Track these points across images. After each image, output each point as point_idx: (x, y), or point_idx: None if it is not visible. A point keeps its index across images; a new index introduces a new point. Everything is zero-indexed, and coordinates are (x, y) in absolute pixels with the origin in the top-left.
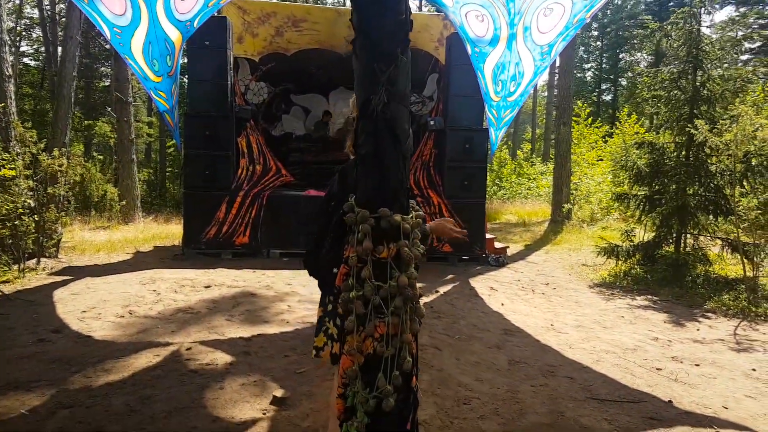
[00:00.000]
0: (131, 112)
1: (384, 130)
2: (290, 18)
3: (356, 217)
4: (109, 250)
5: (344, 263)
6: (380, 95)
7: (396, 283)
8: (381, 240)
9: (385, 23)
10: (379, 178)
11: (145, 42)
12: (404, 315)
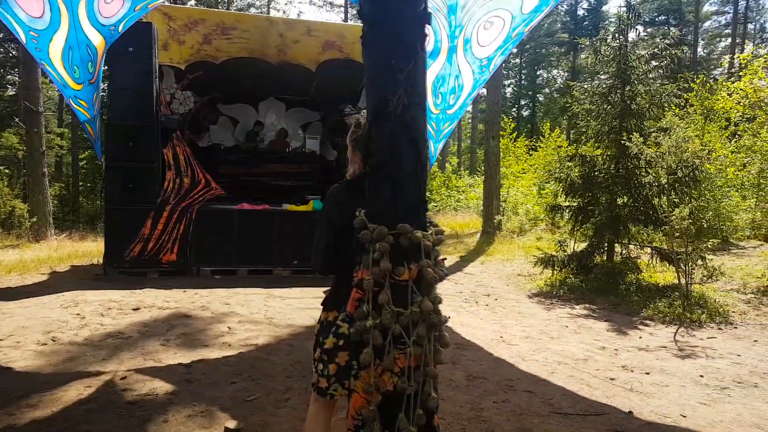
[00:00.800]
0: (42, 122)
1: (402, 136)
2: (219, 25)
3: (372, 234)
4: (21, 270)
5: (356, 287)
6: (399, 96)
7: (419, 308)
8: (399, 260)
9: (404, 14)
10: (396, 190)
11: (65, 47)
12: (428, 345)
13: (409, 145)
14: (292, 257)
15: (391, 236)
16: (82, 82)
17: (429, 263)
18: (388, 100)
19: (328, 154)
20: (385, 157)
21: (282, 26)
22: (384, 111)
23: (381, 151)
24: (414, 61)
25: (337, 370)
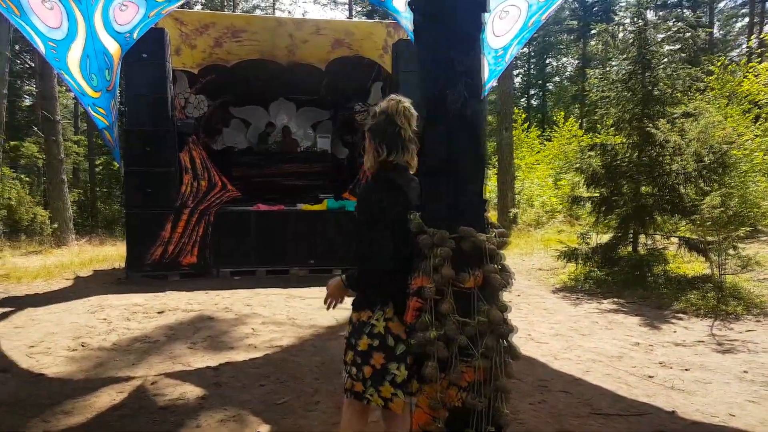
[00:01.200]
0: (60, 130)
1: (461, 132)
2: (230, 29)
3: (432, 238)
4: (46, 276)
5: (415, 296)
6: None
7: (486, 317)
8: (462, 265)
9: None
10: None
11: (82, 56)
12: (497, 357)
13: (469, 142)
14: (308, 256)
15: (453, 240)
16: (99, 89)
17: (495, 268)
18: (446, 95)
19: (339, 152)
20: (442, 155)
21: (291, 26)
22: (442, 106)
23: (438, 149)
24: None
25: (372, 373)
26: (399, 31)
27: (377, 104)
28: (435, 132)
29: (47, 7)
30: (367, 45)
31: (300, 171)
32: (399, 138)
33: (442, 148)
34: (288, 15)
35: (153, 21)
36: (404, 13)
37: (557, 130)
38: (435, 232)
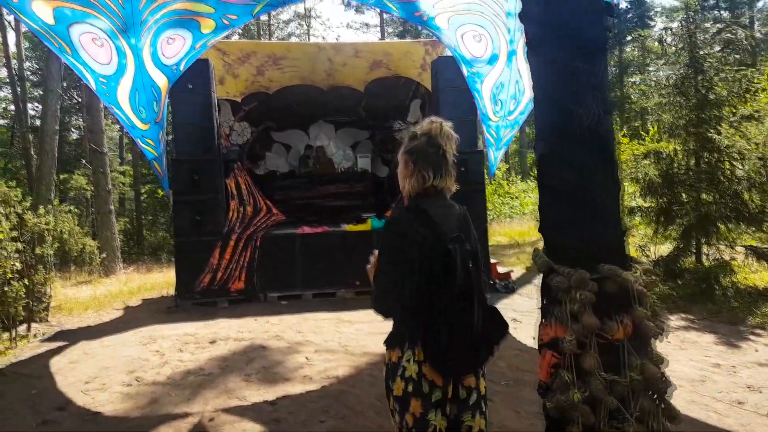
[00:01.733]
0: (107, 162)
1: (593, 152)
2: (271, 56)
3: (569, 280)
4: (97, 307)
5: (549, 349)
6: (590, 105)
7: (640, 374)
8: (605, 311)
9: (583, 7)
10: (591, 220)
11: (131, 89)
12: (653, 421)
13: (602, 163)
14: (353, 278)
15: (594, 282)
16: (148, 122)
17: (646, 313)
18: (574, 112)
19: (380, 171)
20: (571, 178)
21: (330, 51)
22: (569, 124)
23: (565, 172)
24: (601, 62)
25: (414, 422)
26: (437, 49)
27: (416, 125)
28: (560, 153)
29: (97, 45)
30: (404, 64)
31: (341, 191)
32: (443, 161)
33: (570, 171)
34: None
35: (199, 53)
36: (446, 30)
37: None
38: (571, 273)
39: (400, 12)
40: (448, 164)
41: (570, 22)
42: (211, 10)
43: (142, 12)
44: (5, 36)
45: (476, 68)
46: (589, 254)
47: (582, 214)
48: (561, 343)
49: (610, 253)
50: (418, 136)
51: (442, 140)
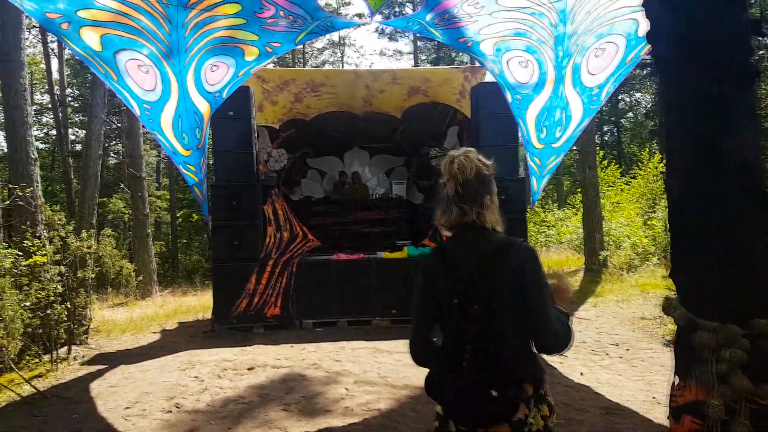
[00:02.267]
0: (145, 187)
1: (742, 189)
2: (309, 83)
3: (716, 336)
4: (134, 330)
5: (689, 414)
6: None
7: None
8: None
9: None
10: (741, 268)
11: (174, 116)
12: None
13: (755, 203)
14: (390, 306)
15: (746, 339)
16: (190, 148)
17: None
18: (722, 144)
19: (415, 197)
20: (718, 221)
21: (368, 78)
22: (716, 159)
23: (708, 210)
24: (751, 87)
25: None
26: (476, 75)
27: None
28: (703, 191)
29: (143, 71)
30: (443, 91)
31: (376, 218)
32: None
33: (715, 212)
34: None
35: (241, 80)
36: (491, 57)
37: (641, 168)
38: (719, 328)
39: (444, 38)
40: (450, 200)
41: (712, 42)
42: (255, 37)
43: (188, 39)
44: (49, 63)
45: (521, 94)
46: (738, 307)
47: (729, 262)
48: (704, 408)
49: (764, 306)
50: (442, 172)
51: (444, 177)
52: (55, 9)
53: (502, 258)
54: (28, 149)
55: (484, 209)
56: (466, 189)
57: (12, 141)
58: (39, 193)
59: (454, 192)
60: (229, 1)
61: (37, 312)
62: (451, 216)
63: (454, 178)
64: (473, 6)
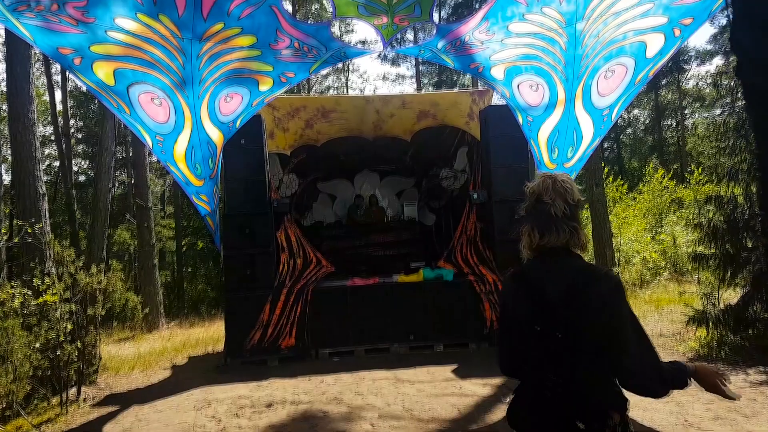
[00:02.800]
0: (151, 216)
1: None
2: (320, 110)
3: None
4: (143, 366)
5: None
6: None
7: None
8: None
9: None
10: None
11: (188, 147)
12: None
13: None
14: (407, 332)
15: None
16: (203, 178)
17: None
18: None
19: (427, 219)
20: None
21: (378, 103)
22: None
23: None
24: None
25: None
26: (484, 98)
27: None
28: None
29: (156, 104)
30: (452, 114)
31: (388, 241)
32: (551, 218)
33: None
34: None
35: (255, 109)
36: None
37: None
38: None
39: (456, 64)
40: (558, 220)
41: None
42: (269, 68)
43: (202, 71)
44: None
45: (532, 116)
46: None
47: None
48: None
49: None
50: (527, 197)
51: (548, 196)
52: (68, 44)
53: (587, 286)
54: (36, 184)
55: (580, 233)
56: (572, 210)
57: (19, 176)
58: (47, 229)
59: (563, 212)
60: (245, 33)
61: (46, 353)
62: (557, 236)
63: (562, 198)
64: (485, 33)
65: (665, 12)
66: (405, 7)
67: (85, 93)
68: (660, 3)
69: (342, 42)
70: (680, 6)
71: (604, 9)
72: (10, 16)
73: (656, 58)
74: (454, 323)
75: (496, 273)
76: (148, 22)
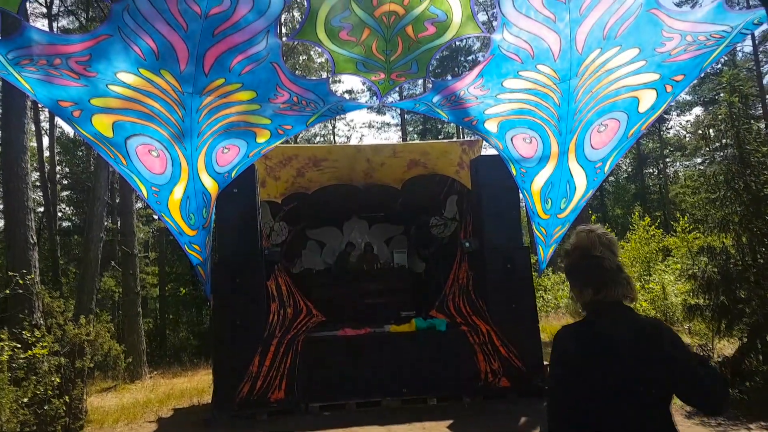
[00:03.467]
0: (137, 264)
1: None
2: (311, 159)
3: None
4: (128, 419)
5: None
6: None
7: None
8: None
9: None
10: None
11: (183, 197)
12: None
13: None
14: (400, 385)
15: None
16: (196, 228)
17: None
18: None
19: (416, 266)
20: None
21: (369, 152)
22: None
23: None
24: None
25: None
26: (473, 148)
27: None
28: None
29: (153, 155)
30: (442, 163)
31: (378, 288)
32: (604, 271)
33: None
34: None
35: (251, 160)
36: (495, 134)
37: (633, 231)
38: None
39: (450, 117)
40: (613, 273)
41: None
42: (268, 121)
43: (201, 124)
44: (40, 141)
45: (526, 168)
46: None
47: None
48: None
49: None
50: (570, 252)
51: (596, 250)
52: (69, 97)
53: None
54: (28, 234)
55: (632, 283)
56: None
57: (11, 226)
58: (37, 279)
59: (616, 265)
60: (245, 89)
61: (33, 407)
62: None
63: (610, 250)
64: (479, 89)
65: (657, 69)
66: (402, 64)
67: (73, 139)
68: (653, 60)
69: (339, 96)
70: (672, 63)
71: (598, 66)
72: (11, 70)
73: (648, 113)
74: (448, 375)
75: (489, 324)
76: (149, 76)
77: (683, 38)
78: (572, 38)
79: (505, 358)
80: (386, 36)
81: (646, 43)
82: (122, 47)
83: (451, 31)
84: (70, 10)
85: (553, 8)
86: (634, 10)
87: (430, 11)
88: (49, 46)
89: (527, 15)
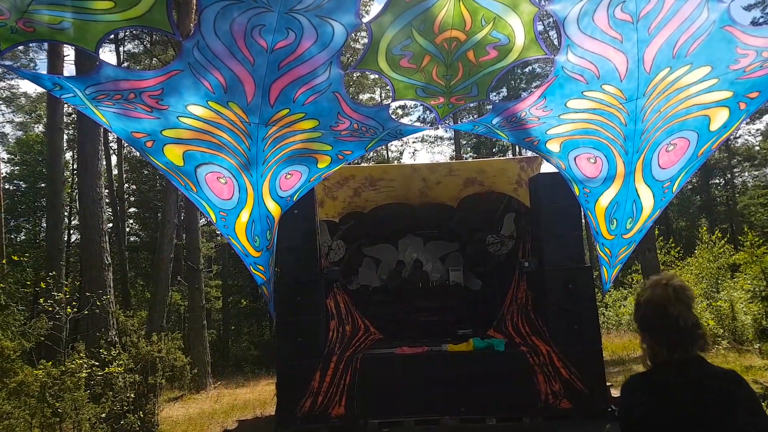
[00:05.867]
0: (202, 279)
1: None
2: (368, 179)
3: None
4: (196, 430)
5: None
6: None
7: None
8: None
9: None
10: None
11: (248, 221)
12: None
13: None
14: (458, 404)
15: None
16: (260, 249)
17: None
18: None
19: (472, 284)
20: None
21: (425, 171)
22: None
23: None
24: None
25: None
26: (532, 165)
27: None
28: None
29: (221, 182)
30: (499, 180)
31: (434, 306)
32: (679, 330)
33: None
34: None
35: (312, 185)
36: (557, 154)
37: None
38: None
39: (510, 138)
40: (688, 331)
41: None
42: (329, 147)
43: (266, 152)
44: (109, 160)
45: (590, 188)
46: None
47: None
48: None
49: None
50: (642, 304)
51: (672, 308)
52: (142, 129)
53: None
54: (103, 255)
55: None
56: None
57: (87, 247)
58: (112, 299)
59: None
60: (308, 118)
61: (109, 421)
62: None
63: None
64: (542, 110)
65: (730, 87)
66: (462, 87)
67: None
68: (725, 78)
69: (398, 122)
70: (746, 80)
71: (667, 85)
72: (89, 105)
73: (720, 131)
74: (507, 396)
75: (550, 344)
76: (218, 108)
77: (759, 54)
78: (640, 58)
79: (566, 379)
80: (447, 62)
81: (718, 61)
82: (192, 82)
83: (514, 54)
84: (135, 35)
85: (620, 29)
86: (707, 27)
87: (492, 36)
88: (124, 82)
89: (592, 36)
